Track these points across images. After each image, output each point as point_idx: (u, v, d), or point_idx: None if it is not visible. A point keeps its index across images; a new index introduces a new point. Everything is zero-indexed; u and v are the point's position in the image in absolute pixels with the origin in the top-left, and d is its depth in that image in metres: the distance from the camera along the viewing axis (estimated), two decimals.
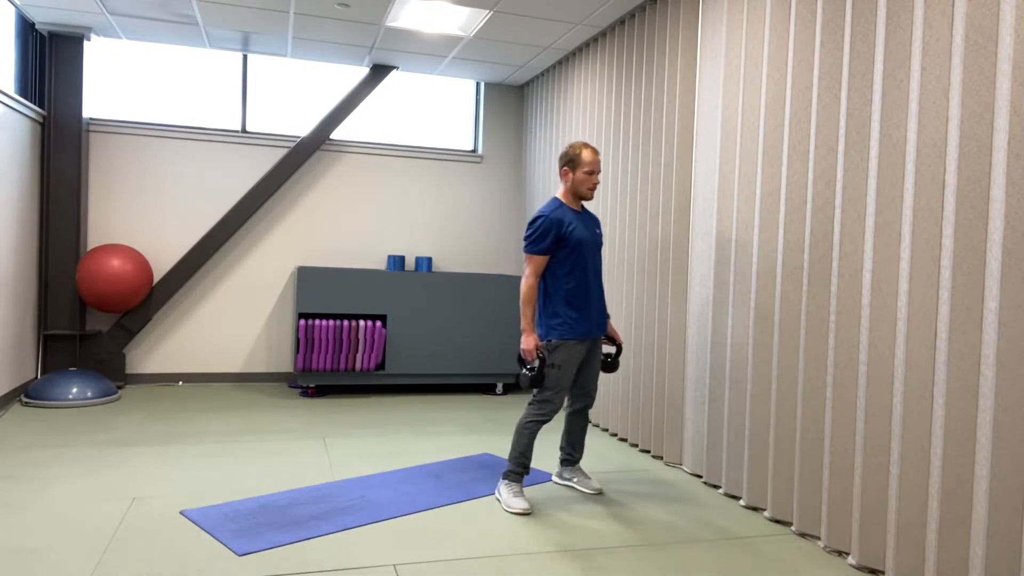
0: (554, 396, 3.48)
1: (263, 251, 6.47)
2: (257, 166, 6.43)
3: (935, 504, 2.55)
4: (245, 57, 6.40)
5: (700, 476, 4.07)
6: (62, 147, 5.75)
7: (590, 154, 3.53)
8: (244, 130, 6.42)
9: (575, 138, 5.77)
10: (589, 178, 3.53)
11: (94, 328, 6.06)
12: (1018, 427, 2.33)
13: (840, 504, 3.03)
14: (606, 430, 5.15)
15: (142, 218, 6.19)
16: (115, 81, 6.18)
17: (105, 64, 6.15)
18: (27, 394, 5.27)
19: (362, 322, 5.89)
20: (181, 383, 6.30)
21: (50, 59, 5.71)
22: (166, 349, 6.27)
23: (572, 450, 3.81)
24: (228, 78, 6.41)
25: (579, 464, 3.96)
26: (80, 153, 5.79)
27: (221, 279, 6.38)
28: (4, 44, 5.17)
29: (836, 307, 3.02)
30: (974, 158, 2.46)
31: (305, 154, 6.36)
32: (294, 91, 6.58)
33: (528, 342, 3.41)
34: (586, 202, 5.51)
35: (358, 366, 5.93)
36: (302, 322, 5.74)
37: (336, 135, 6.60)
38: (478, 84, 7.02)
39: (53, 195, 5.73)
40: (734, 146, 3.81)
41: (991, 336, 2.38)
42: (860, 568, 2.89)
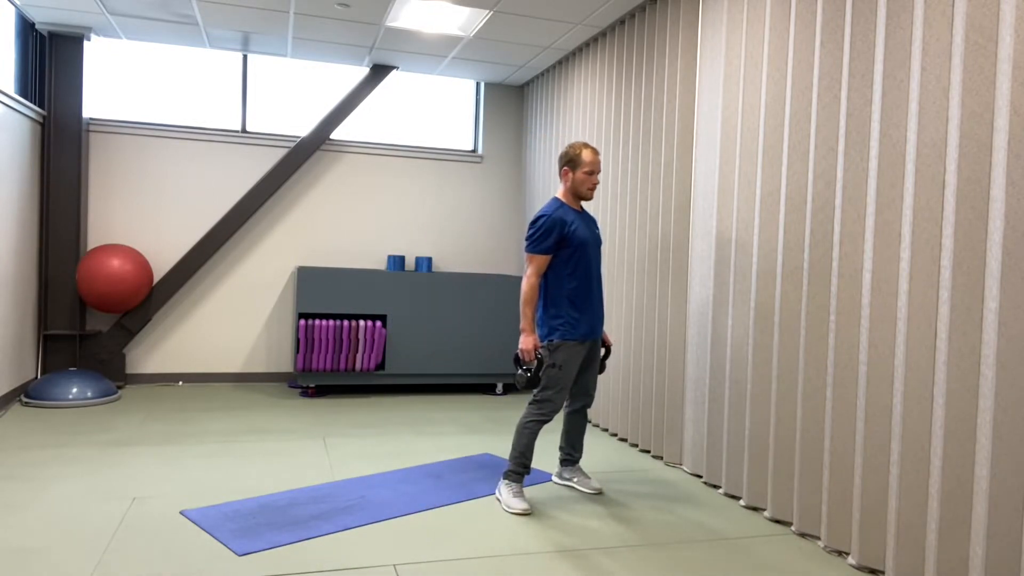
0: (555, 396, 3.47)
1: (263, 251, 6.48)
2: (257, 166, 6.43)
3: (935, 504, 2.55)
4: (245, 57, 6.40)
5: (700, 476, 4.07)
6: (62, 147, 5.75)
7: (590, 154, 3.53)
8: (244, 130, 6.42)
9: (575, 138, 5.77)
10: (589, 178, 3.52)
11: (94, 328, 6.07)
12: (1018, 427, 2.33)
13: (840, 504, 3.03)
14: (606, 430, 5.15)
15: (142, 218, 6.19)
16: (115, 81, 6.18)
17: (105, 64, 6.15)
18: (27, 394, 5.27)
19: (362, 322, 5.90)
20: (181, 383, 6.31)
21: (50, 59, 5.71)
22: (166, 349, 6.28)
23: (572, 450, 3.81)
24: (228, 78, 6.41)
25: (579, 464, 3.96)
26: (80, 153, 5.79)
27: (221, 279, 6.39)
28: (4, 44, 5.17)
29: (836, 307, 3.02)
30: (974, 158, 2.46)
31: (305, 154, 6.37)
32: (294, 91, 6.58)
33: (527, 342, 3.41)
34: (585, 202, 5.54)
35: (358, 366, 5.93)
36: (302, 322, 5.75)
37: (336, 135, 6.60)
38: (478, 84, 7.02)
39: (53, 195, 5.73)
40: (734, 146, 3.81)
41: (991, 336, 2.38)
42: (860, 568, 2.89)
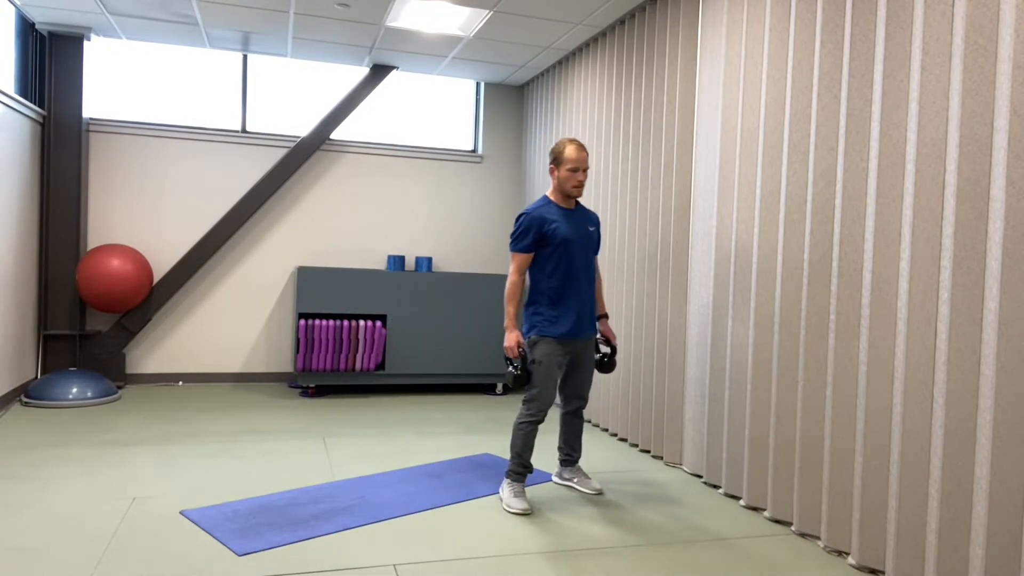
0: (540, 394, 3.45)
1: (263, 251, 6.47)
2: (257, 166, 6.43)
3: (935, 504, 2.55)
4: (245, 57, 6.40)
5: (700, 476, 4.07)
6: (62, 147, 5.75)
7: (574, 151, 3.44)
8: (244, 130, 6.42)
9: (575, 138, 5.77)
10: (573, 176, 3.44)
11: (94, 328, 6.06)
12: (1018, 427, 2.33)
13: (840, 504, 3.03)
14: (606, 430, 5.15)
15: (142, 218, 6.19)
16: (115, 81, 6.18)
17: (105, 64, 6.15)
18: (27, 394, 5.27)
19: (362, 322, 5.90)
20: (181, 383, 6.30)
21: (50, 59, 5.71)
22: (166, 349, 6.28)
23: (571, 450, 3.81)
24: (228, 78, 6.41)
25: (579, 464, 3.96)
26: (80, 153, 5.79)
27: (221, 279, 6.39)
28: (4, 44, 5.17)
29: (836, 307, 3.02)
30: (974, 158, 2.46)
31: (305, 154, 6.37)
32: (294, 91, 6.58)
33: (509, 339, 3.41)
34: (585, 199, 5.55)
35: (358, 366, 5.93)
36: (302, 322, 5.75)
37: (336, 135, 6.60)
38: (478, 84, 7.02)
39: (53, 195, 5.73)
40: (734, 146, 3.81)
41: (991, 336, 2.38)
42: (860, 568, 2.89)
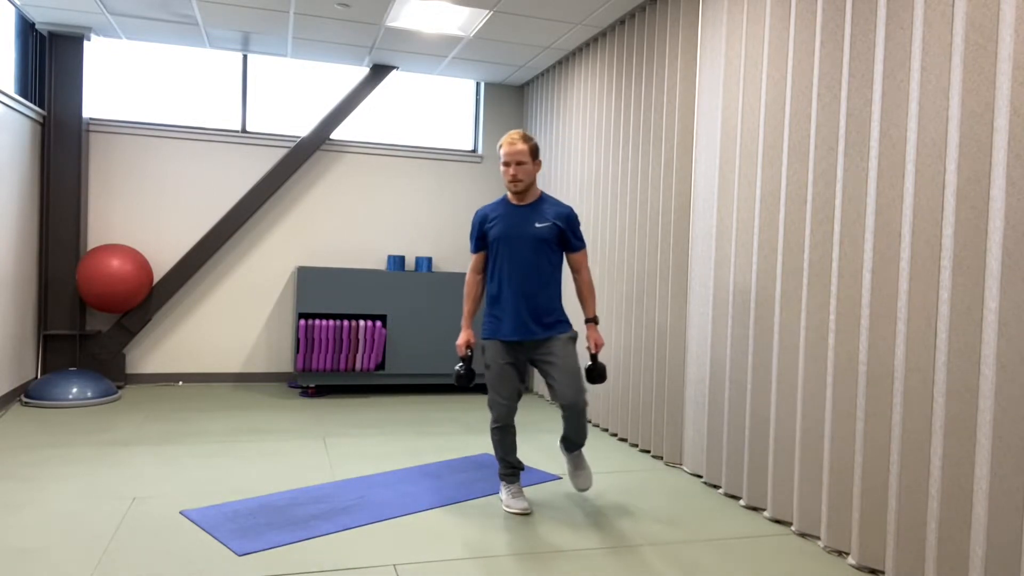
0: (494, 397, 3.37)
1: (263, 251, 6.47)
2: (257, 166, 6.43)
3: (935, 504, 2.55)
4: (245, 57, 6.40)
5: (700, 476, 4.07)
6: (62, 147, 5.75)
7: (505, 145, 3.30)
8: (244, 130, 6.42)
9: (575, 138, 5.77)
10: (506, 171, 3.33)
11: (94, 328, 6.06)
12: (1018, 427, 2.33)
13: (840, 504, 3.03)
14: (606, 430, 5.15)
15: (142, 218, 6.19)
16: (115, 81, 6.18)
17: (105, 64, 6.15)
18: (27, 394, 5.27)
19: (362, 322, 5.90)
20: (181, 383, 6.30)
21: (50, 59, 5.71)
22: (166, 349, 6.28)
23: (564, 437, 3.65)
24: (228, 78, 6.41)
25: (580, 452, 3.67)
26: (80, 153, 5.79)
27: (221, 279, 6.39)
28: (4, 44, 5.17)
29: (836, 307, 3.02)
30: (974, 158, 2.46)
31: (305, 154, 6.37)
32: (294, 91, 6.58)
33: (459, 338, 3.44)
34: (586, 198, 5.54)
35: (358, 366, 5.93)
36: (302, 322, 5.75)
37: (336, 135, 6.60)
38: (478, 84, 7.02)
39: (53, 195, 5.73)
40: (734, 146, 3.81)
41: (991, 336, 2.38)
42: (860, 568, 2.89)
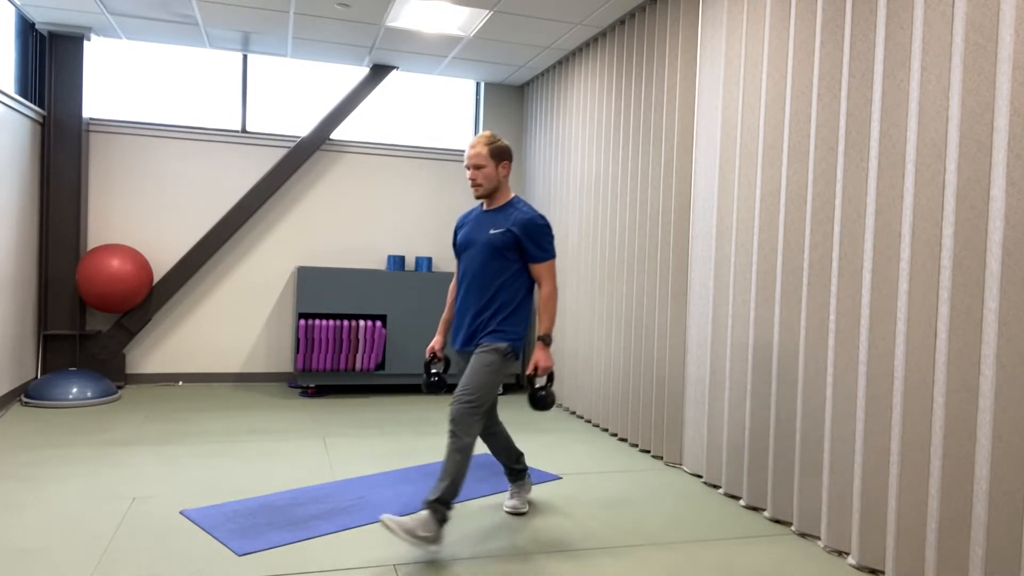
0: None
1: (263, 251, 6.47)
2: (257, 166, 6.43)
3: (935, 504, 2.55)
4: (245, 57, 6.40)
5: (700, 476, 4.07)
6: (62, 147, 5.75)
7: (468, 148, 3.14)
8: (244, 130, 6.42)
9: (575, 138, 5.77)
10: (468, 173, 3.20)
11: (94, 328, 6.06)
12: (1018, 427, 2.33)
13: (840, 504, 3.03)
14: (606, 430, 5.15)
15: (142, 218, 6.19)
16: (115, 81, 6.18)
17: (105, 64, 6.15)
18: (27, 394, 5.27)
19: (362, 322, 5.89)
20: (181, 383, 6.30)
21: (50, 59, 5.71)
22: (166, 349, 6.28)
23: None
24: (228, 78, 6.41)
25: (523, 477, 3.45)
26: (80, 153, 5.79)
27: (221, 279, 6.38)
28: (4, 44, 5.17)
29: (836, 307, 3.02)
30: (974, 158, 2.46)
31: (305, 154, 6.36)
32: (294, 91, 6.58)
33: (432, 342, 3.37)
34: (586, 198, 5.54)
35: (358, 366, 5.92)
36: (302, 322, 5.75)
37: (336, 135, 6.60)
38: (478, 84, 7.02)
39: (53, 195, 5.73)
40: (734, 146, 3.81)
41: (991, 336, 2.38)
42: (860, 568, 2.89)
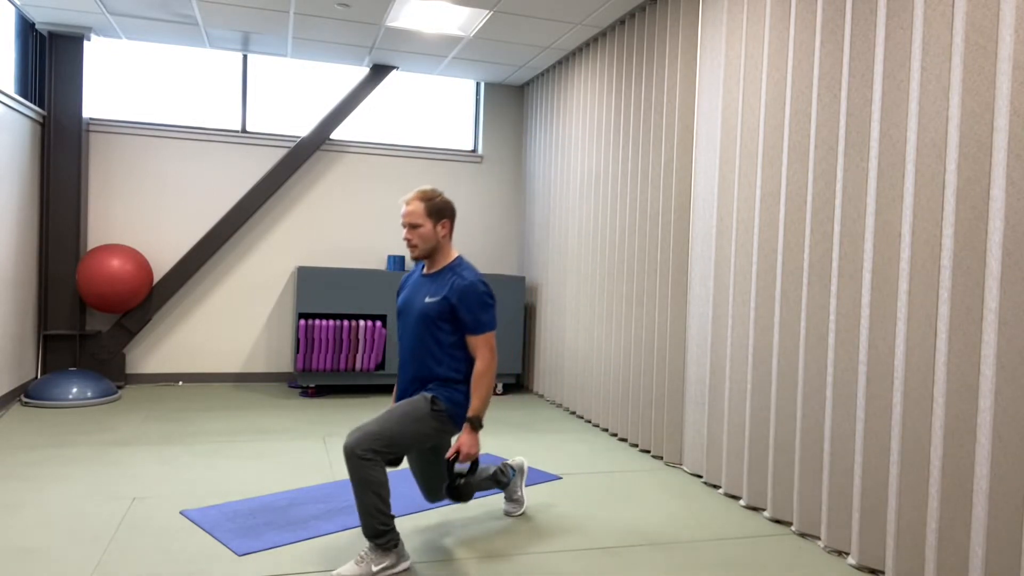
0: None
1: (263, 251, 6.47)
2: (257, 166, 6.43)
3: (935, 504, 2.55)
4: (245, 57, 6.40)
5: (700, 476, 4.07)
6: (62, 147, 5.75)
7: (403, 204, 2.83)
8: (244, 130, 6.42)
9: (575, 138, 5.76)
10: (404, 233, 2.92)
11: (94, 328, 6.06)
12: (1018, 427, 2.33)
13: (840, 504, 3.03)
14: (606, 430, 5.15)
15: (142, 218, 6.19)
16: (115, 81, 6.18)
17: (105, 64, 6.15)
18: (27, 394, 5.27)
19: (362, 322, 5.89)
20: (181, 383, 6.30)
21: (50, 59, 5.71)
22: (166, 349, 6.28)
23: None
24: (228, 78, 6.41)
25: (507, 484, 3.39)
26: (80, 153, 5.79)
27: (221, 279, 6.38)
28: (4, 44, 5.17)
29: (836, 307, 3.02)
30: (974, 158, 2.46)
31: (305, 154, 6.37)
32: (294, 91, 6.58)
33: None
34: (586, 198, 5.54)
35: (358, 366, 5.92)
36: (302, 322, 5.74)
37: (336, 135, 6.60)
38: (478, 84, 7.02)
39: (53, 195, 5.73)
40: (734, 146, 3.81)
41: (991, 336, 2.38)
42: (860, 568, 2.89)
